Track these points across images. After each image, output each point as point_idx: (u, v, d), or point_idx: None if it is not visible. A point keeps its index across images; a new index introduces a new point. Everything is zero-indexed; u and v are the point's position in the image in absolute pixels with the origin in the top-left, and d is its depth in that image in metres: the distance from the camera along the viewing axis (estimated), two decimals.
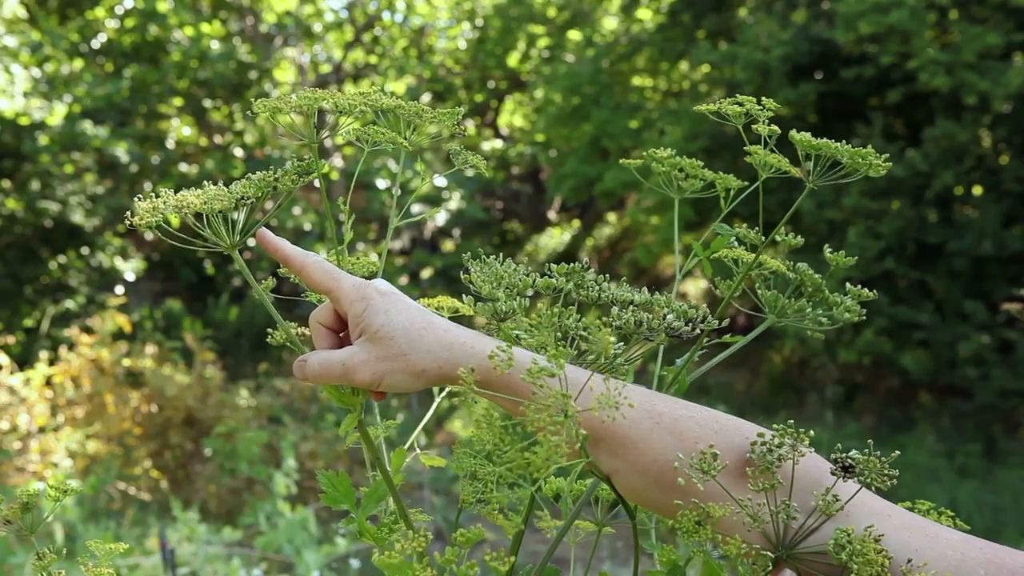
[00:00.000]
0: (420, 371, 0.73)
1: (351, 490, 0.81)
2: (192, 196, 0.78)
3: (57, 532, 4.87)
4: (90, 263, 10.19)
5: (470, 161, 0.87)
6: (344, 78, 13.08)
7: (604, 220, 13.94)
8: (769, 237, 0.85)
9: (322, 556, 4.51)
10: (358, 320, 0.76)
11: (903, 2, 7.63)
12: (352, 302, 0.76)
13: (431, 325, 0.74)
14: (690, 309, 0.78)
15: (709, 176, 0.91)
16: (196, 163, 11.17)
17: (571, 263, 0.81)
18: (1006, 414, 7.95)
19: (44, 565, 0.77)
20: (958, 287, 7.94)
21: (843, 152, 0.78)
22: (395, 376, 0.74)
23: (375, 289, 0.76)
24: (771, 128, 0.82)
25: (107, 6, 11.17)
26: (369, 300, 0.75)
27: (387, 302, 0.75)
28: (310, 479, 6.16)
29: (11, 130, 9.32)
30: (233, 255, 0.80)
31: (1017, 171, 7.89)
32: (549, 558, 0.81)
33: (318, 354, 0.78)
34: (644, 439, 0.68)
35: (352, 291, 0.76)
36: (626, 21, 11.86)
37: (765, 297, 0.85)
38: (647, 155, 0.94)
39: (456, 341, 0.73)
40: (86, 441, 6.33)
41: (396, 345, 0.73)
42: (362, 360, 0.74)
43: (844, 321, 0.84)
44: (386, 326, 0.74)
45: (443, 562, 0.61)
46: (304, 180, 0.81)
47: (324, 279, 0.78)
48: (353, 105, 0.76)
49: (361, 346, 0.75)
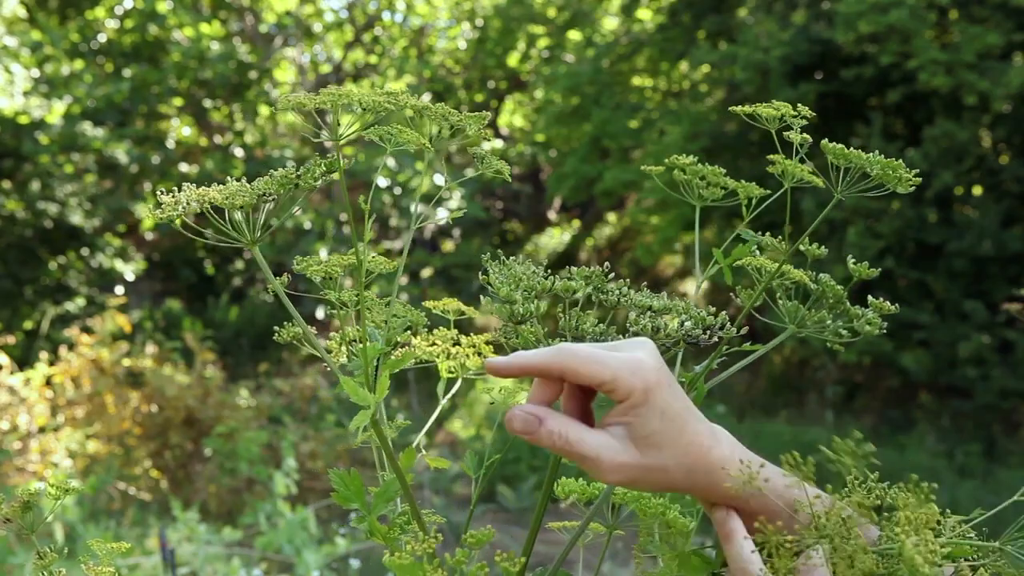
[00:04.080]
0: (671, 487, 0.67)
1: (362, 489, 0.81)
2: (215, 191, 0.78)
3: (57, 532, 4.87)
4: (90, 264, 10.19)
5: (495, 166, 0.87)
6: (344, 78, 13.08)
7: (604, 220, 13.94)
8: (794, 245, 0.84)
9: (322, 556, 4.51)
10: (629, 412, 0.65)
11: (903, 2, 7.63)
12: (632, 392, 0.64)
13: (695, 439, 0.66)
14: (708, 316, 0.78)
15: (731, 184, 0.90)
16: (196, 163, 11.17)
17: (573, 263, 0.81)
18: (1006, 414, 7.95)
19: (45, 564, 0.77)
20: (958, 287, 7.94)
21: (873, 163, 0.76)
22: (644, 486, 0.67)
23: (658, 381, 0.65)
24: (803, 136, 0.80)
25: (107, 6, 11.17)
26: (651, 395, 0.64)
27: (667, 401, 0.65)
28: (310, 479, 6.16)
29: (11, 130, 9.32)
30: (253, 251, 0.80)
31: (1017, 171, 7.89)
32: (562, 562, 0.81)
33: (563, 422, 0.65)
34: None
35: (633, 379, 0.64)
36: (626, 21, 11.86)
37: (786, 308, 0.84)
38: (668, 162, 0.92)
39: (715, 464, 0.66)
40: (86, 441, 6.34)
41: (662, 459, 0.65)
42: (621, 463, 0.65)
43: (866, 334, 0.82)
44: (659, 434, 0.65)
45: (454, 563, 0.61)
46: (326, 179, 0.80)
47: (596, 371, 0.64)
48: (379, 104, 0.76)
49: (622, 443, 0.65)
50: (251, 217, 0.79)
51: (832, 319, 0.83)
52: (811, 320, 0.83)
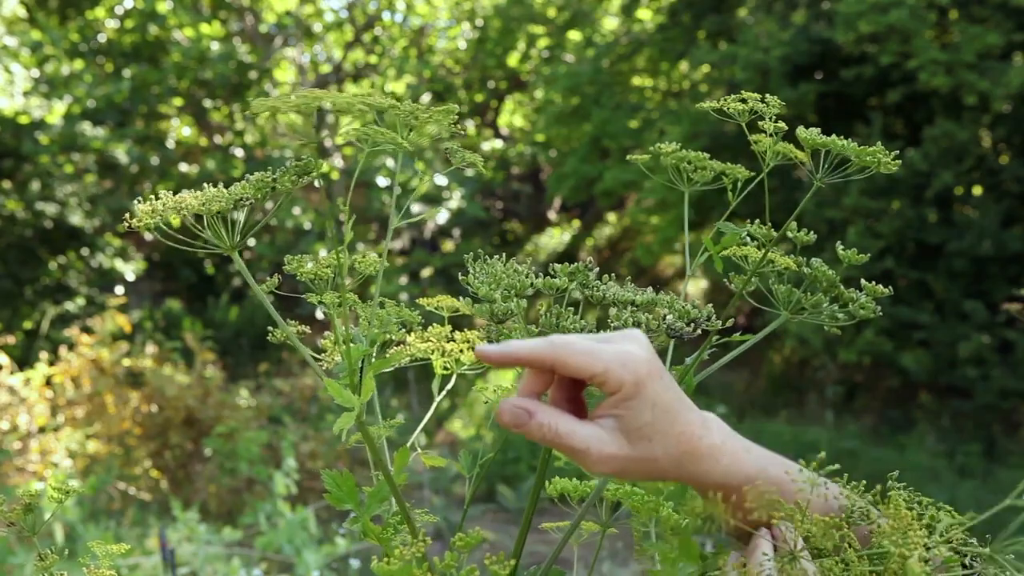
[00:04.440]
0: (660, 477, 0.67)
1: (355, 490, 0.81)
2: (191, 197, 0.78)
3: (57, 532, 4.87)
4: (90, 264, 10.19)
5: (468, 159, 0.87)
6: (344, 78, 13.08)
7: (604, 220, 13.94)
8: (780, 232, 0.84)
9: (322, 556, 4.51)
10: (619, 404, 0.65)
11: (903, 2, 7.63)
12: (623, 384, 0.64)
13: (685, 430, 0.66)
14: (692, 309, 0.78)
15: (716, 167, 0.91)
16: (196, 163, 11.17)
17: (573, 263, 0.81)
18: (1006, 414, 7.95)
19: (46, 566, 0.77)
20: (958, 287, 7.94)
21: (850, 150, 0.77)
22: (634, 475, 0.67)
23: (649, 373, 0.65)
24: (777, 125, 0.81)
25: (107, 6, 11.17)
26: (642, 387, 0.64)
27: (658, 393, 0.65)
28: (310, 479, 6.16)
29: (11, 130, 9.32)
30: (233, 256, 0.79)
31: (1017, 171, 7.89)
32: (554, 560, 0.80)
33: (553, 415, 0.65)
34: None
35: (623, 372, 0.64)
36: (626, 21, 11.86)
37: (778, 292, 0.84)
38: (653, 149, 0.93)
39: (706, 455, 0.67)
40: (86, 441, 6.34)
41: (652, 450, 0.65)
42: (610, 454, 0.65)
43: (860, 317, 0.83)
44: (649, 426, 0.65)
45: (443, 567, 0.61)
46: (303, 181, 0.80)
47: (586, 363, 0.64)
48: (351, 104, 0.76)
49: (612, 435, 0.65)
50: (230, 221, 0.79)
51: (828, 302, 0.83)
52: (808, 303, 0.83)
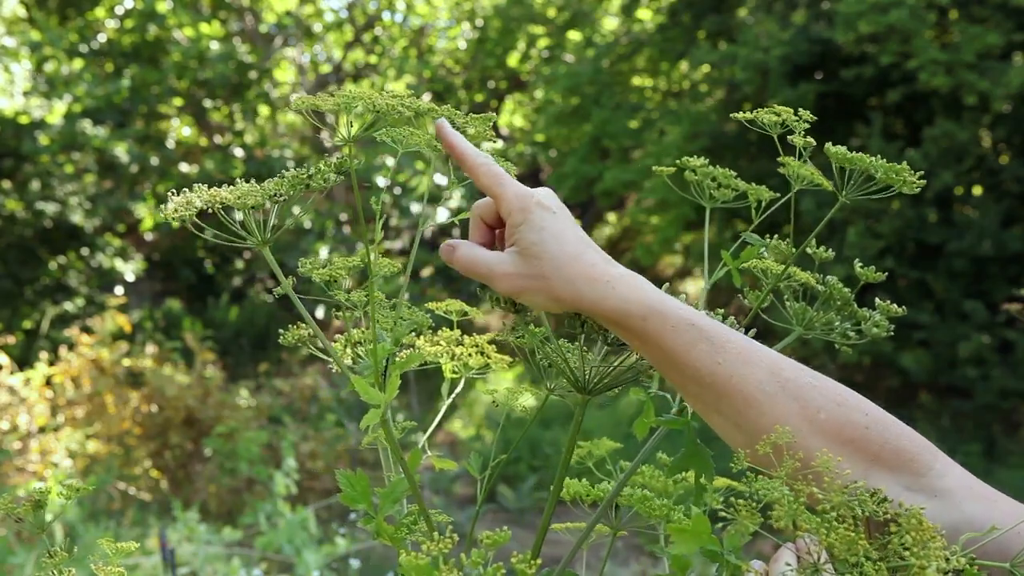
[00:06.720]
0: (557, 298, 0.74)
1: (368, 490, 0.81)
2: (226, 192, 0.78)
3: (57, 532, 4.87)
4: (90, 264, 10.19)
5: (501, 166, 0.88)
6: (344, 78, 13.08)
7: (604, 220, 13.95)
8: (800, 248, 0.84)
9: (322, 556, 4.51)
10: (513, 230, 0.76)
11: (903, 2, 7.63)
12: (512, 212, 0.76)
13: (580, 256, 0.74)
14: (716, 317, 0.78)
15: (742, 187, 0.91)
16: (196, 163, 11.16)
17: None
18: (1006, 414, 7.95)
19: (55, 563, 0.77)
20: (958, 287, 7.93)
21: (877, 167, 0.77)
22: (533, 296, 0.75)
23: (538, 203, 0.76)
24: (806, 140, 0.81)
25: (107, 6, 11.16)
26: (528, 213, 0.75)
27: (546, 220, 0.75)
28: (310, 479, 6.16)
29: (11, 130, 9.32)
30: (264, 252, 0.80)
31: (1017, 171, 7.89)
32: (568, 563, 0.81)
33: (469, 247, 0.79)
34: (768, 400, 0.69)
35: (515, 200, 0.76)
36: (626, 21, 11.85)
37: (793, 310, 0.84)
38: (681, 163, 0.93)
39: (600, 279, 0.73)
40: (86, 441, 6.33)
41: (541, 267, 0.74)
42: (506, 272, 0.75)
43: (873, 337, 0.82)
44: (537, 245, 0.74)
45: (470, 564, 0.61)
46: (338, 179, 0.82)
47: (491, 183, 0.78)
48: (391, 107, 0.78)
49: (510, 256, 0.76)
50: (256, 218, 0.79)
51: (840, 321, 0.83)
52: (819, 322, 0.83)
